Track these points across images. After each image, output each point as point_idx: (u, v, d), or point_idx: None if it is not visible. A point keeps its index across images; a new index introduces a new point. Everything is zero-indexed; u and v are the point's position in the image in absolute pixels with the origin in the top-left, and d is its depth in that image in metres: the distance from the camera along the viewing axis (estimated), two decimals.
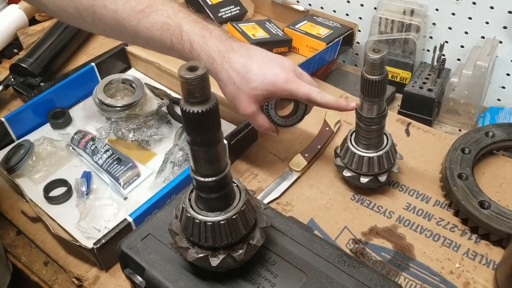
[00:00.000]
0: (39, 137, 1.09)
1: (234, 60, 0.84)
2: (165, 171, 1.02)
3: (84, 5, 0.85)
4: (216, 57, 0.84)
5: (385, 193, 0.97)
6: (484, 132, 1.00)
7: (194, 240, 0.63)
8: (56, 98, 1.17)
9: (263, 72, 0.85)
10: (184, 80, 0.52)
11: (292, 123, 0.95)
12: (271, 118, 0.93)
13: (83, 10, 0.86)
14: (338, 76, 1.32)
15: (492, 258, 0.85)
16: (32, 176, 1.03)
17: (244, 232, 0.63)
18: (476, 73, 1.09)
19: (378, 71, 0.81)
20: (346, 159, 0.94)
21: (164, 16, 0.85)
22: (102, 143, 1.05)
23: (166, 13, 0.85)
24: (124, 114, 1.12)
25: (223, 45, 0.85)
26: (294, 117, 0.95)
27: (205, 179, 0.60)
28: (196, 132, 0.56)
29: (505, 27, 1.14)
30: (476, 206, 0.87)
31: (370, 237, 0.90)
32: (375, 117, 0.87)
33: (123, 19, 0.85)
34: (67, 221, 0.94)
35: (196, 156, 0.59)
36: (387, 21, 1.25)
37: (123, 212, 0.94)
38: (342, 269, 0.66)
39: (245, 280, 0.65)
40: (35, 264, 0.92)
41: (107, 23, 0.86)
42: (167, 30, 0.84)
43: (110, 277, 0.87)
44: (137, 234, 0.72)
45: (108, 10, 0.84)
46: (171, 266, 0.67)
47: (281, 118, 0.94)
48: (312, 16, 1.39)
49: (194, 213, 0.62)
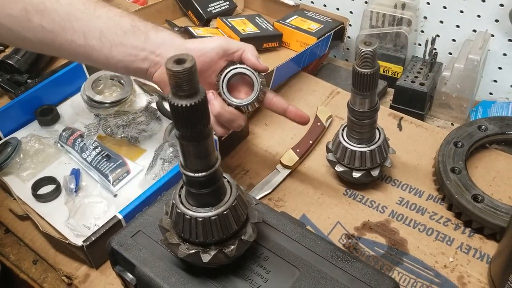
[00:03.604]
0: (27, 135, 1.07)
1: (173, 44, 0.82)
2: (155, 167, 1.00)
3: (35, 2, 0.80)
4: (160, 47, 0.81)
5: (377, 188, 0.97)
6: (477, 126, 1.00)
7: (185, 236, 0.62)
8: (43, 95, 1.15)
9: (198, 42, 0.83)
10: (172, 73, 0.51)
11: (248, 101, 0.84)
12: (224, 99, 0.83)
13: (32, 8, 0.80)
14: (329, 71, 1.31)
15: (486, 251, 0.85)
16: (19, 174, 1.01)
17: (235, 227, 0.62)
18: (468, 66, 1.08)
19: (370, 64, 0.80)
20: (338, 154, 0.93)
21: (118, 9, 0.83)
22: (91, 140, 1.04)
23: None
24: (113, 111, 1.10)
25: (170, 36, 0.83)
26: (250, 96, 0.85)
27: (195, 174, 0.58)
28: (185, 126, 0.54)
29: (497, 20, 1.13)
30: (469, 199, 0.87)
31: (363, 232, 0.89)
32: (367, 111, 0.86)
33: (78, 9, 0.81)
34: (56, 219, 0.92)
35: (185, 151, 0.57)
36: (378, 15, 1.24)
37: (113, 210, 0.93)
38: (336, 264, 0.65)
39: (237, 276, 0.64)
40: (24, 262, 0.91)
41: (57, 20, 0.81)
42: (126, 15, 0.82)
43: (100, 275, 0.85)
44: (127, 231, 0.71)
45: (61, 4, 0.81)
46: (162, 262, 0.66)
47: (237, 100, 0.84)
48: (302, 11, 1.38)
49: (184, 209, 0.61)
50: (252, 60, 0.82)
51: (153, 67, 0.81)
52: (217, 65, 0.82)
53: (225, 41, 0.82)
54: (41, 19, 0.80)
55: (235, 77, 0.83)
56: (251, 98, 0.83)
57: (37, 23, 0.80)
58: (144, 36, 0.80)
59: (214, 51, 0.81)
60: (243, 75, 0.83)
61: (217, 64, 0.82)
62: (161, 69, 0.81)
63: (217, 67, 0.82)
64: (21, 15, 0.80)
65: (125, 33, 0.80)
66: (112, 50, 0.80)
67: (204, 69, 0.80)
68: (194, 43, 0.83)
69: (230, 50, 0.82)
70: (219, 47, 0.81)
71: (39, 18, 0.80)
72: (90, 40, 0.80)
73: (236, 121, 0.83)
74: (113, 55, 0.81)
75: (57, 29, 0.80)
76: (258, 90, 0.83)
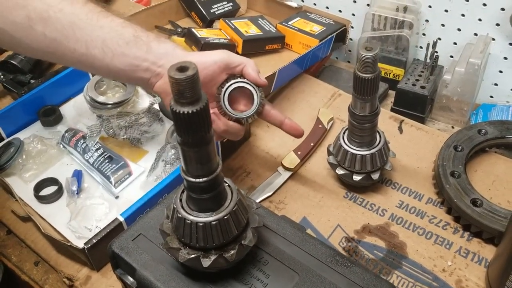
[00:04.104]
0: (29, 135, 1.08)
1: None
2: (157, 169, 1.01)
3: (38, 10, 0.80)
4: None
5: (378, 191, 0.97)
6: (477, 130, 1.00)
7: (186, 240, 0.62)
8: (46, 95, 1.16)
9: (200, 55, 0.85)
10: (174, 81, 0.51)
11: (249, 114, 0.85)
12: (225, 112, 0.84)
13: (35, 16, 0.80)
14: (331, 72, 1.32)
15: (484, 256, 0.85)
16: (22, 175, 1.02)
17: (236, 232, 0.63)
18: (469, 70, 1.08)
19: (371, 69, 0.81)
20: (339, 157, 0.94)
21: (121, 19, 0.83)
22: (93, 141, 1.04)
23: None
24: (115, 112, 1.11)
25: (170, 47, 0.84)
26: (250, 109, 0.86)
27: (196, 180, 0.59)
28: (186, 133, 0.55)
29: (498, 24, 1.14)
30: (468, 204, 0.87)
31: (363, 235, 0.90)
32: (367, 115, 0.87)
33: (80, 19, 0.81)
34: (57, 221, 0.93)
35: (186, 157, 0.58)
36: (380, 17, 1.24)
37: (115, 211, 0.93)
38: (335, 268, 0.66)
39: (237, 280, 0.65)
40: (25, 264, 0.91)
41: (60, 29, 0.81)
42: (128, 25, 0.83)
43: (101, 277, 0.86)
44: (128, 234, 0.71)
45: (65, 13, 0.81)
46: (163, 266, 0.67)
47: (236, 112, 0.86)
48: (305, 13, 1.38)
49: (185, 213, 0.62)
50: (253, 75, 0.83)
51: (154, 77, 0.82)
52: (219, 78, 0.83)
53: (227, 55, 0.83)
54: (44, 28, 0.80)
55: (235, 90, 0.85)
56: (252, 111, 0.85)
57: (40, 31, 0.80)
58: (146, 47, 0.81)
59: (216, 64, 0.82)
60: (243, 88, 0.85)
61: (218, 77, 0.83)
62: (162, 80, 0.81)
63: (219, 80, 0.83)
64: (24, 23, 0.80)
65: (127, 43, 0.80)
66: (114, 60, 0.81)
67: (206, 81, 0.81)
68: (196, 56, 0.85)
69: (231, 64, 0.83)
70: (221, 61, 0.82)
71: (42, 26, 0.80)
72: (92, 49, 0.81)
73: (237, 134, 0.86)
74: (115, 65, 0.81)
75: (60, 38, 0.81)
76: (258, 103, 0.85)
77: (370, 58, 0.79)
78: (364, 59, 0.79)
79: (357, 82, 0.83)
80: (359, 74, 0.82)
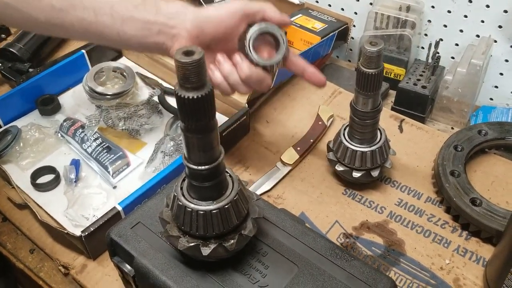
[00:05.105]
0: (27, 123, 1.07)
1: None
2: (155, 161, 1.00)
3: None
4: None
5: (377, 188, 0.97)
6: (477, 130, 1.00)
7: (185, 229, 0.62)
8: (45, 84, 1.15)
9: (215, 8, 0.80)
10: (180, 65, 0.51)
11: (278, 58, 0.81)
12: (252, 61, 0.80)
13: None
14: (332, 70, 1.31)
15: (482, 255, 0.85)
16: (19, 163, 1.01)
17: (236, 222, 0.62)
18: (470, 71, 1.08)
19: (375, 64, 0.80)
20: (338, 154, 0.93)
21: None
22: (92, 131, 1.04)
23: None
24: (114, 103, 1.10)
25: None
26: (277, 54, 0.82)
27: (198, 167, 0.59)
28: (190, 119, 0.54)
29: (500, 26, 1.14)
30: (467, 203, 0.87)
31: (361, 232, 0.89)
32: (369, 111, 0.86)
33: None
34: (54, 209, 0.92)
35: (189, 144, 0.58)
36: (382, 16, 1.24)
37: (112, 201, 0.92)
38: (334, 261, 0.65)
39: (236, 270, 0.64)
40: (20, 251, 0.91)
41: None
42: None
43: (97, 266, 0.85)
44: (127, 222, 0.71)
45: None
46: (161, 255, 0.66)
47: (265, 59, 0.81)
48: (307, 10, 1.38)
49: (186, 201, 0.61)
50: (278, 17, 0.79)
51: (169, 40, 0.78)
52: (239, 28, 0.79)
53: (243, 3, 0.79)
54: None
55: (257, 38, 0.80)
56: (279, 57, 0.80)
57: (47, 2, 0.78)
58: (155, 9, 0.77)
59: (234, 16, 0.77)
60: (263, 35, 0.80)
61: (238, 28, 0.79)
62: (178, 43, 0.77)
63: (239, 30, 0.79)
64: None
65: (135, 6, 0.77)
66: (123, 26, 0.78)
67: (226, 34, 0.78)
68: (211, 10, 0.80)
69: (250, 11, 0.78)
70: (238, 11, 0.78)
71: None
72: (101, 16, 0.78)
73: (265, 81, 0.81)
74: (125, 31, 0.78)
75: (67, 7, 0.78)
76: (285, 48, 0.80)
77: (375, 52, 0.79)
78: (369, 54, 0.79)
79: (360, 77, 0.83)
80: (363, 69, 0.81)
